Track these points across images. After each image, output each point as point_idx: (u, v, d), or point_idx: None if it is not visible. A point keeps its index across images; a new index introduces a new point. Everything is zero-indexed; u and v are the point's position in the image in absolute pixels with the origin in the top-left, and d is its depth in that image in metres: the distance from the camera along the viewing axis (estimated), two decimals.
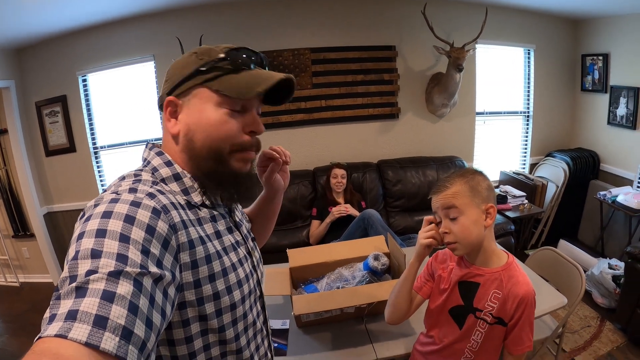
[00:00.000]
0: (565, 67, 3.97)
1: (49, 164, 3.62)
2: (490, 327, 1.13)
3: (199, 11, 3.32)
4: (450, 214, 1.11)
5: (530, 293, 1.09)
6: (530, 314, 1.10)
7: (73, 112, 3.48)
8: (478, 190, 1.10)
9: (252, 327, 0.85)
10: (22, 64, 3.42)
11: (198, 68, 0.75)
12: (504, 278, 1.11)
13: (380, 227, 2.65)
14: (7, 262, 3.91)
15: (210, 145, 0.75)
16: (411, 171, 3.45)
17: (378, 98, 3.61)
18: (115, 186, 0.70)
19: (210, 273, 0.72)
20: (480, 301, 1.13)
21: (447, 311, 1.21)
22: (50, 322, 0.47)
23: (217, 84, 0.75)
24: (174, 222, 0.66)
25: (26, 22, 2.88)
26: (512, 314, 1.10)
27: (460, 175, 1.14)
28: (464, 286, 1.17)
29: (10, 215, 3.78)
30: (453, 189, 1.11)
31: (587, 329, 2.63)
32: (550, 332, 1.71)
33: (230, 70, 0.75)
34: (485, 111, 3.93)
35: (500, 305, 1.10)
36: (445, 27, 3.47)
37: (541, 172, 3.89)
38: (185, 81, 0.76)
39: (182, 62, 0.78)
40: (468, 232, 1.09)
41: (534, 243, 3.80)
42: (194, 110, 0.76)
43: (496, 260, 1.15)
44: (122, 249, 0.56)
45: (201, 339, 0.74)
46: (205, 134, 0.75)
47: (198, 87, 0.75)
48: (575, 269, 1.78)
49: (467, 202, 1.09)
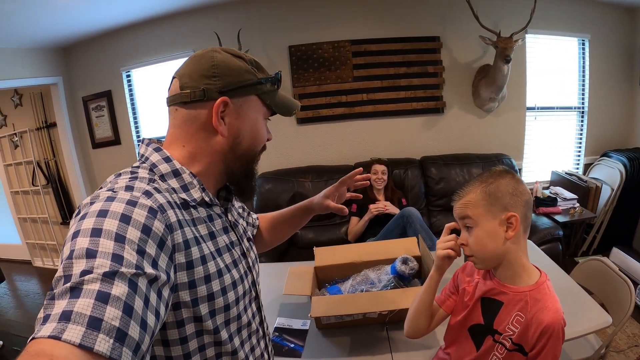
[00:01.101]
0: (623, 59, 3.70)
1: (95, 155, 3.78)
2: (508, 354, 1.01)
3: (236, 6, 3.33)
4: (466, 224, 1.03)
5: (557, 322, 0.95)
6: (556, 347, 0.95)
7: (118, 106, 3.60)
8: (497, 197, 0.98)
9: (246, 329, 0.86)
10: (68, 62, 3.58)
11: (259, 80, 0.81)
12: (530, 300, 0.98)
13: (419, 227, 2.57)
14: (55, 247, 4.14)
15: (252, 149, 0.84)
16: (455, 169, 3.32)
17: (422, 91, 3.49)
18: (111, 183, 0.69)
19: (206, 274, 0.72)
20: (501, 323, 1.02)
21: (467, 329, 1.11)
22: (44, 323, 0.47)
23: (269, 98, 0.84)
24: (170, 221, 0.66)
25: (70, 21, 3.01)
26: (533, 344, 0.96)
27: (480, 180, 1.03)
28: (486, 303, 1.06)
29: (59, 204, 3.98)
30: (468, 197, 1.02)
31: (634, 349, 2.41)
32: (592, 352, 1.57)
33: (274, 89, 0.85)
34: (537, 106, 3.71)
35: (521, 331, 0.98)
36: (492, 15, 3.29)
37: (595, 174, 3.65)
38: (244, 87, 0.79)
39: (234, 64, 0.79)
40: (482, 245, 1.00)
41: (585, 250, 3.58)
42: (244, 116, 0.80)
43: (525, 277, 1.02)
44: (118, 249, 0.55)
45: (196, 340, 0.74)
46: (252, 140, 0.83)
47: (252, 95, 0.81)
48: (624, 283, 1.61)
49: (482, 212, 0.99)
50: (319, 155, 3.58)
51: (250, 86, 0.80)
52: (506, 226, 0.98)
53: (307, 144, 3.57)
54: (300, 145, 3.57)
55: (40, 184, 3.97)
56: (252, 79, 0.79)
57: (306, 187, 3.25)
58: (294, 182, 3.26)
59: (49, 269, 4.18)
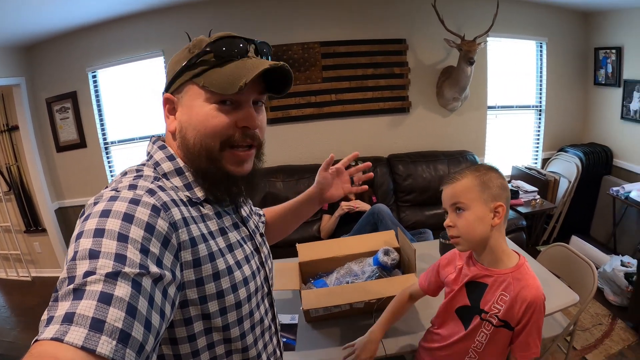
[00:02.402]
0: (578, 61, 3.91)
1: (60, 159, 3.66)
2: (495, 330, 1.10)
3: (207, 6, 3.31)
4: (457, 207, 1.10)
5: (539, 298, 1.05)
6: (539, 320, 1.06)
7: (83, 108, 3.50)
8: (489, 186, 1.07)
9: (259, 325, 0.84)
10: (32, 61, 3.45)
11: (186, 64, 0.73)
12: (512, 280, 1.08)
13: (390, 222, 2.63)
14: (19, 257, 3.96)
15: (200, 143, 0.73)
16: (422, 165, 3.43)
17: (388, 92, 3.59)
18: (116, 182, 0.69)
19: (214, 271, 0.70)
20: (486, 303, 1.10)
21: (454, 310, 1.19)
22: (47, 325, 0.47)
23: (203, 79, 0.72)
24: (174, 219, 0.65)
25: (35, 20, 2.89)
26: (519, 318, 1.06)
27: (473, 169, 1.12)
28: (471, 286, 1.15)
29: (22, 211, 3.81)
30: (463, 181, 1.09)
31: (598, 327, 2.60)
32: (561, 330, 1.68)
33: (215, 64, 0.72)
34: (497, 105, 3.89)
35: (506, 309, 1.07)
36: (456, 20, 3.43)
37: (553, 167, 3.85)
38: (177, 78, 0.75)
39: (177, 57, 0.77)
40: (472, 228, 1.08)
41: (546, 239, 3.76)
42: (186, 107, 0.74)
43: (506, 260, 1.11)
44: (121, 249, 0.55)
45: (205, 338, 0.72)
46: (195, 131, 0.73)
47: (188, 84, 0.74)
48: (587, 265, 1.74)
49: (475, 197, 1.07)
50: (289, 155, 3.60)
51: (179, 75, 0.74)
52: (493, 214, 1.07)
53: (277, 144, 3.58)
54: (270, 145, 3.49)
55: (2, 191, 3.80)
56: (180, 67, 0.74)
57: (277, 187, 3.27)
58: (265, 182, 3.27)
59: (13, 280, 3.98)
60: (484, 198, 1.07)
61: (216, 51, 0.72)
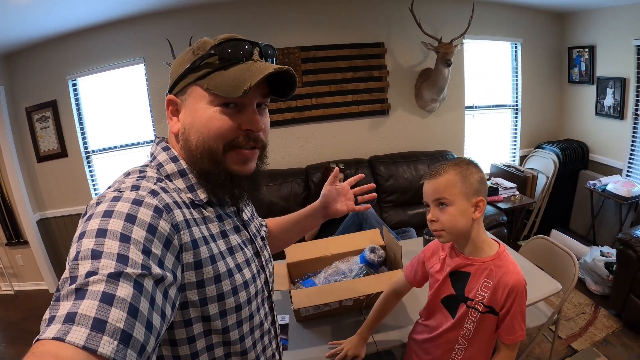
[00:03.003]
0: (552, 60, 4.03)
1: (41, 169, 3.60)
2: (482, 316, 1.14)
3: (188, 12, 3.32)
4: (439, 202, 1.13)
5: (520, 282, 1.10)
6: (522, 303, 1.11)
7: (64, 117, 3.46)
8: (470, 181, 1.11)
9: (259, 329, 0.84)
10: (10, 70, 3.40)
11: (190, 66, 0.73)
12: (494, 267, 1.12)
13: (374, 221, 2.66)
14: (1, 271, 3.88)
15: (203, 145, 0.73)
16: (403, 166, 3.48)
17: (368, 95, 3.64)
18: (119, 183, 0.69)
19: (215, 274, 0.71)
20: (471, 291, 1.14)
21: (440, 301, 1.22)
22: (49, 324, 0.47)
23: (207, 81, 0.72)
24: (176, 221, 0.66)
25: (14, 27, 2.86)
26: (502, 303, 1.10)
27: (454, 164, 1.14)
28: (455, 276, 1.19)
29: (2, 223, 3.75)
30: (445, 177, 1.11)
31: (582, 316, 2.67)
32: (545, 319, 1.72)
33: (219, 67, 0.73)
34: (474, 105, 3.97)
35: (490, 295, 1.11)
36: (433, 23, 3.50)
37: (531, 164, 3.94)
38: (180, 79, 0.75)
39: (181, 58, 0.77)
40: (455, 222, 1.11)
41: (527, 234, 3.84)
42: (190, 109, 0.75)
43: (487, 249, 1.16)
44: (123, 250, 0.55)
45: (204, 339, 0.73)
46: (198, 133, 0.73)
47: (192, 86, 0.74)
48: (568, 256, 1.79)
49: (457, 192, 1.10)
50: (271, 159, 3.49)
51: (183, 77, 0.75)
52: (474, 208, 1.12)
53: None
54: None
55: None
56: (184, 69, 0.74)
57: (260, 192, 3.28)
58: None
59: None
60: (465, 193, 1.10)
61: (221, 54, 0.72)
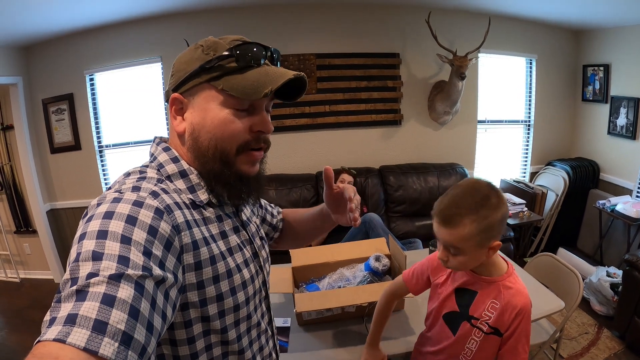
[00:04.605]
0: (567, 77, 4.02)
1: (54, 161, 3.65)
2: (485, 337, 1.11)
3: (206, 14, 3.35)
4: (452, 250, 1.05)
5: (528, 305, 1.07)
6: (527, 326, 1.08)
7: (79, 111, 3.51)
8: (491, 228, 1.00)
9: (255, 328, 0.84)
10: (29, 61, 3.46)
11: (203, 66, 0.71)
12: (502, 288, 1.09)
13: (381, 230, 2.67)
14: (8, 258, 3.93)
15: (216, 146, 0.73)
16: (412, 177, 3.48)
17: (381, 104, 3.65)
18: (119, 184, 0.69)
19: (215, 274, 0.71)
20: (476, 310, 1.11)
21: (442, 316, 1.20)
22: (50, 326, 0.47)
23: (222, 83, 0.71)
24: (177, 222, 0.65)
25: (35, 20, 2.91)
26: (508, 325, 1.08)
27: (472, 209, 0.99)
28: (460, 293, 1.16)
29: (13, 211, 3.80)
30: (461, 230, 1.00)
31: (585, 336, 2.65)
32: (547, 337, 1.72)
33: (235, 69, 0.72)
34: (487, 119, 3.97)
35: (497, 316, 1.08)
36: (449, 35, 3.50)
37: (541, 181, 3.92)
38: (190, 79, 0.73)
39: (187, 56, 0.75)
40: (466, 266, 1.09)
41: (533, 251, 3.82)
42: (199, 109, 0.73)
43: (496, 269, 1.13)
44: (124, 251, 0.55)
45: (203, 340, 0.73)
46: (210, 135, 0.72)
47: (203, 86, 0.73)
48: (573, 274, 1.79)
49: (473, 245, 1.01)
50: (282, 164, 3.63)
51: (194, 76, 0.73)
52: (488, 250, 1.05)
53: (270, 153, 3.51)
54: None
55: None
56: (195, 67, 0.72)
57: (270, 195, 3.29)
58: None
59: (1, 281, 3.95)
60: (481, 243, 1.02)
61: (240, 57, 0.71)
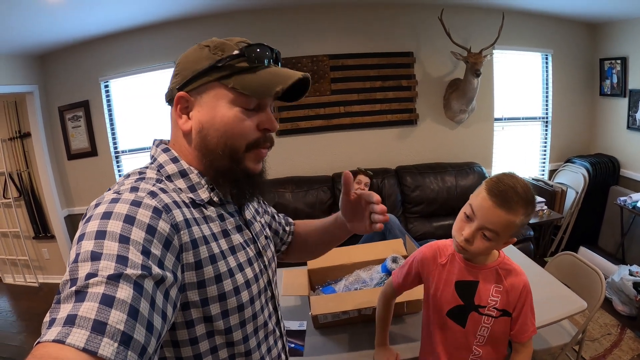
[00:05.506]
0: (583, 72, 3.94)
1: (71, 167, 3.70)
2: (496, 321, 1.15)
3: (219, 19, 3.36)
4: (486, 234, 1.05)
5: (527, 281, 1.14)
6: (531, 301, 1.15)
7: (95, 117, 3.55)
8: (523, 226, 1.08)
9: (263, 329, 0.83)
10: (45, 70, 3.50)
11: (213, 64, 0.72)
12: (501, 272, 1.14)
13: (398, 232, 2.64)
14: (27, 263, 3.99)
15: (225, 144, 0.74)
16: (430, 177, 3.45)
17: (396, 104, 3.62)
18: (118, 185, 0.69)
19: (216, 273, 0.70)
20: (481, 298, 1.14)
21: (445, 314, 1.20)
22: (49, 327, 0.47)
23: (233, 81, 0.72)
24: (175, 221, 0.65)
25: (50, 29, 2.94)
26: (515, 304, 1.13)
27: (526, 202, 1.03)
28: (461, 286, 1.17)
29: (31, 217, 3.85)
30: (513, 216, 1.02)
31: (607, 337, 2.60)
32: (569, 338, 1.69)
33: (246, 68, 0.73)
34: (504, 117, 3.92)
35: (503, 298, 1.13)
36: (462, 32, 3.46)
37: (560, 179, 3.86)
38: (198, 77, 0.73)
39: (194, 55, 0.75)
40: (483, 252, 1.11)
41: (554, 250, 3.76)
42: (207, 107, 0.74)
43: (490, 256, 1.17)
44: (122, 250, 0.55)
45: (207, 341, 0.72)
46: (219, 132, 0.73)
47: (212, 84, 0.73)
48: (595, 273, 1.75)
49: (509, 234, 1.06)
50: (298, 166, 3.62)
51: (203, 74, 0.73)
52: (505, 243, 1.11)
53: (286, 155, 3.61)
54: (279, 156, 3.60)
55: (12, 197, 3.84)
56: (204, 66, 0.73)
57: (286, 198, 3.29)
58: (274, 192, 3.29)
59: (20, 285, 4.02)
60: (513, 235, 1.08)
61: (251, 57, 0.73)
